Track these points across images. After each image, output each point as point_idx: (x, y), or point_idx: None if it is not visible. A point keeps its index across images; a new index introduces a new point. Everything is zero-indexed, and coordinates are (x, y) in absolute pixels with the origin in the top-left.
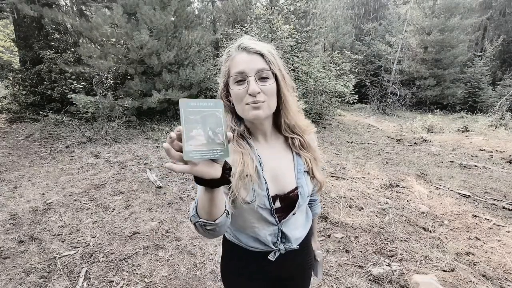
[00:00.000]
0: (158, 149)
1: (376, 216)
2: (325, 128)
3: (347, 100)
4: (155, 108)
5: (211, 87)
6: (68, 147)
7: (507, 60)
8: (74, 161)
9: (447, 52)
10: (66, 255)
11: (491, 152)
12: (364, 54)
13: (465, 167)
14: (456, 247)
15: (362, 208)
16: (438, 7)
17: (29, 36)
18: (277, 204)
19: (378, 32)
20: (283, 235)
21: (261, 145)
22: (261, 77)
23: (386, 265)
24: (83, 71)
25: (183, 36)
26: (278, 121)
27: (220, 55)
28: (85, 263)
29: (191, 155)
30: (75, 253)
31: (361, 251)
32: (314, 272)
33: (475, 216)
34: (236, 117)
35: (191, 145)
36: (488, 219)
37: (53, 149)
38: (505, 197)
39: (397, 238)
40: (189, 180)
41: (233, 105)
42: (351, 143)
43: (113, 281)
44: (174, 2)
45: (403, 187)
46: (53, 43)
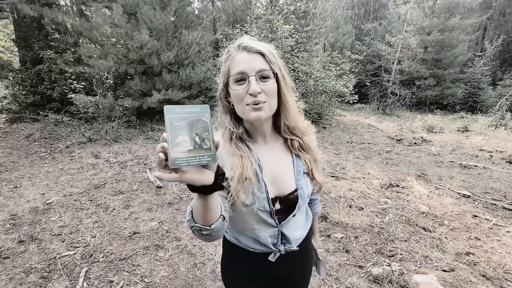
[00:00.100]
0: None
1: (376, 216)
2: (325, 128)
3: (347, 100)
4: (155, 108)
5: (211, 87)
6: (68, 147)
7: (507, 60)
8: (74, 161)
9: (447, 52)
10: (66, 255)
11: (491, 152)
12: (364, 54)
13: (465, 167)
14: (456, 247)
15: (362, 208)
16: (438, 7)
17: (29, 36)
18: (277, 206)
19: (378, 32)
20: (283, 236)
21: (260, 147)
22: (262, 76)
23: (386, 265)
24: (83, 71)
25: (183, 36)
26: (277, 122)
27: (220, 55)
28: (85, 263)
29: (177, 162)
30: (75, 253)
31: (361, 251)
32: (317, 271)
33: (475, 216)
34: (235, 118)
35: (176, 152)
36: (488, 219)
37: (53, 149)
38: (505, 197)
39: (397, 238)
40: None
41: (232, 106)
42: (351, 143)
43: (113, 281)
44: (174, 2)
45: (403, 187)
46: (53, 43)
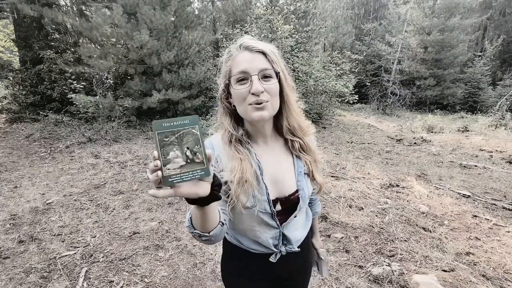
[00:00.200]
0: None
1: (376, 216)
2: (325, 128)
3: (347, 100)
4: (155, 108)
5: (211, 87)
6: (68, 147)
7: (507, 60)
8: (74, 161)
9: (447, 52)
10: (66, 255)
11: (491, 152)
12: (364, 54)
13: (465, 167)
14: (456, 247)
15: (362, 208)
16: (438, 7)
17: (29, 36)
18: (278, 207)
19: (378, 32)
20: (284, 237)
21: (260, 148)
22: (264, 76)
23: (386, 265)
24: (83, 71)
25: (183, 36)
26: (278, 123)
27: (220, 55)
28: (85, 263)
29: (170, 180)
30: (75, 253)
31: (361, 251)
32: (319, 271)
33: (475, 216)
34: (234, 120)
35: (169, 169)
36: (488, 219)
37: (53, 149)
38: (505, 197)
39: (397, 238)
40: None
41: (233, 107)
42: (351, 143)
43: (113, 281)
44: (174, 2)
45: (403, 187)
46: (53, 43)
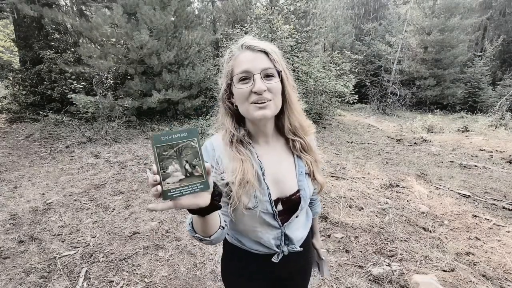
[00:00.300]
0: None
1: (376, 216)
2: (325, 128)
3: (347, 100)
4: (155, 108)
5: (211, 87)
6: (68, 147)
7: (507, 60)
8: (74, 161)
9: (447, 52)
10: (66, 255)
11: (491, 152)
12: (364, 54)
13: (465, 167)
14: (456, 247)
15: (362, 208)
16: (438, 7)
17: (29, 36)
18: (279, 207)
19: (378, 32)
20: (286, 237)
21: (261, 147)
22: (266, 75)
23: (386, 265)
24: (83, 71)
25: (183, 36)
26: (280, 122)
27: (220, 55)
28: (85, 263)
29: (169, 194)
30: (75, 253)
31: (361, 251)
32: (320, 271)
33: (475, 216)
34: (236, 121)
35: (168, 183)
36: (488, 219)
37: (53, 149)
38: (505, 197)
39: (397, 238)
40: None
41: (235, 107)
42: (351, 143)
43: (113, 281)
44: (174, 2)
45: (403, 187)
46: (53, 43)
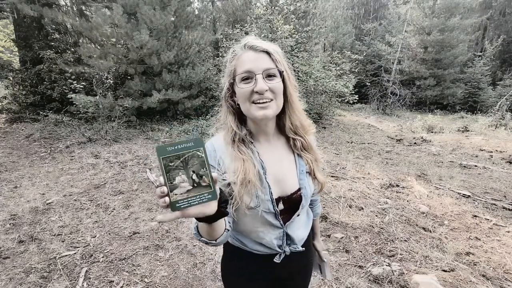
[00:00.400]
0: None
1: (376, 216)
2: (325, 128)
3: (347, 100)
4: (155, 108)
5: (211, 87)
6: (68, 147)
7: (507, 60)
8: (74, 161)
9: (447, 52)
10: (66, 255)
11: (491, 152)
12: (364, 54)
13: (465, 167)
14: (456, 247)
15: (362, 208)
16: (438, 7)
17: (29, 36)
18: (280, 206)
19: (378, 32)
20: (288, 237)
21: (263, 146)
22: (268, 75)
23: (386, 265)
24: (83, 71)
25: (183, 36)
26: (281, 121)
27: (220, 55)
28: (85, 263)
29: (177, 205)
30: (75, 253)
31: (361, 251)
32: (322, 274)
33: (475, 216)
34: (238, 119)
35: (176, 194)
36: (488, 219)
37: (53, 149)
38: (505, 197)
39: (397, 238)
40: None
41: (238, 105)
42: (351, 143)
43: (113, 281)
44: (174, 2)
45: (403, 187)
46: (53, 43)
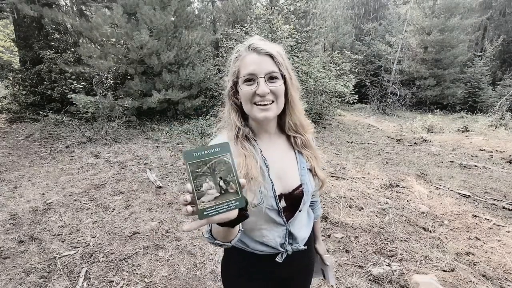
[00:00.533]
0: (158, 149)
1: (376, 216)
2: (325, 128)
3: (347, 100)
4: (155, 108)
5: (211, 87)
6: (68, 147)
7: (507, 60)
8: (74, 161)
9: (447, 52)
10: (66, 255)
11: (491, 152)
12: (364, 54)
13: (465, 167)
14: (456, 247)
15: (362, 208)
16: (438, 7)
17: (29, 36)
18: (282, 203)
19: (378, 32)
20: (290, 235)
21: (264, 144)
22: (271, 77)
23: (386, 265)
24: (83, 71)
25: (183, 36)
26: (282, 121)
27: (220, 55)
28: (85, 263)
29: (205, 213)
30: (75, 253)
31: (361, 251)
32: (325, 278)
33: (475, 216)
34: (241, 116)
35: (203, 202)
36: (488, 219)
37: (53, 149)
38: (505, 197)
39: (397, 238)
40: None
41: (240, 103)
42: (351, 143)
43: (113, 281)
44: (174, 2)
45: (403, 187)
46: (53, 43)
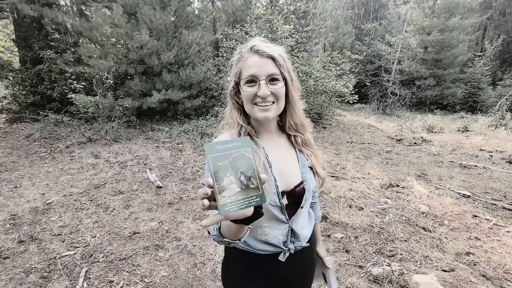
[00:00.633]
0: (158, 149)
1: (376, 216)
2: (325, 128)
3: (347, 100)
4: (155, 108)
5: (211, 87)
6: (68, 147)
7: (507, 60)
8: (74, 161)
9: (447, 52)
10: (66, 255)
11: (491, 152)
12: (364, 54)
13: (465, 167)
14: (456, 247)
15: (362, 208)
16: (438, 7)
17: (29, 36)
18: (284, 200)
19: (378, 32)
20: (293, 233)
21: (266, 142)
22: (272, 79)
23: (386, 265)
24: (83, 71)
25: (183, 36)
26: (282, 120)
27: (220, 55)
28: (85, 263)
29: (226, 208)
30: (75, 253)
31: (361, 251)
32: (327, 283)
33: (475, 216)
34: (243, 114)
35: (224, 197)
36: (488, 219)
37: (53, 149)
38: (505, 197)
39: (397, 238)
40: (189, 180)
41: (242, 102)
42: (351, 143)
43: (113, 281)
44: (174, 2)
45: (403, 187)
46: (53, 43)
